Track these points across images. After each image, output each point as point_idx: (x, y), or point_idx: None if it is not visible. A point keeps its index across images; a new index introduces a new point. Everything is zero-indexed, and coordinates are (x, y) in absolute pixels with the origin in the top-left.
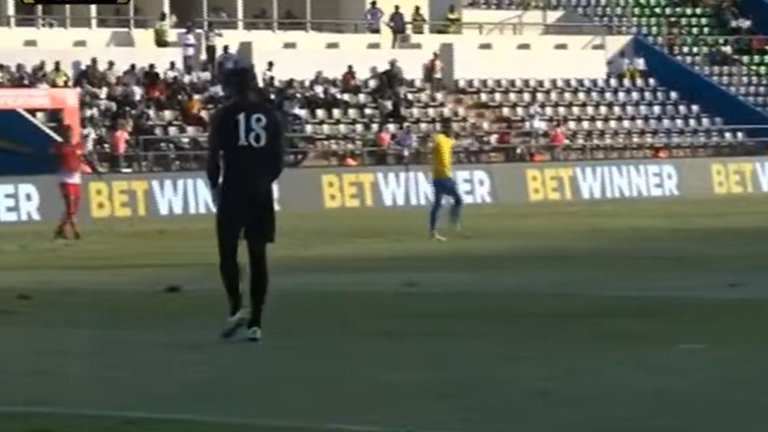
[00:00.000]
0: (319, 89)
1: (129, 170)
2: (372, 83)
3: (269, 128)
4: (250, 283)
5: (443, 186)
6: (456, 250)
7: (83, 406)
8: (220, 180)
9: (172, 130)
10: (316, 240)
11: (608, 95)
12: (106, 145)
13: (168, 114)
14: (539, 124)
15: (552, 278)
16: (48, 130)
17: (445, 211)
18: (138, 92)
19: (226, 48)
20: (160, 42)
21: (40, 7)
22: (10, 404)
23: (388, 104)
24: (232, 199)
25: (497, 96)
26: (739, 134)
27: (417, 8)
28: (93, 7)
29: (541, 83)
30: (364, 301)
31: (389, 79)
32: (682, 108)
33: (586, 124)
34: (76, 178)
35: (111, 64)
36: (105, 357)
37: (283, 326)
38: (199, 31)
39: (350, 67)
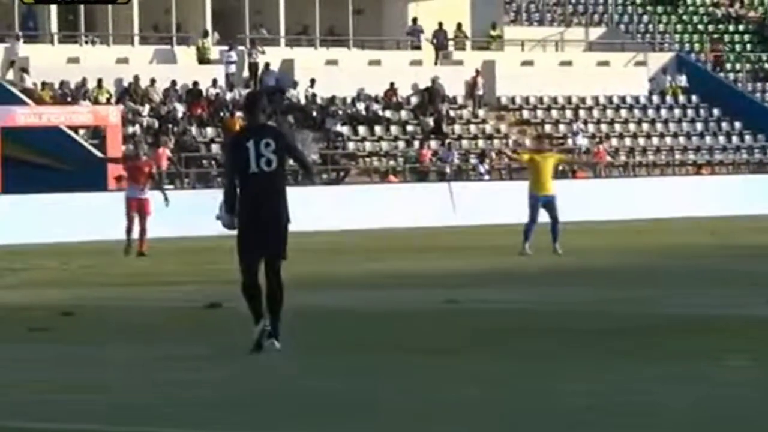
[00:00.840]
0: (361, 106)
1: (171, 187)
2: (414, 100)
3: (279, 151)
4: (266, 298)
5: (538, 202)
6: (497, 266)
7: (122, 423)
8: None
9: (215, 147)
10: (358, 256)
11: (650, 112)
12: None
13: (210, 131)
14: (582, 141)
15: (594, 295)
16: (90, 147)
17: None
18: (180, 109)
19: (267, 65)
20: (203, 59)
21: (82, 25)
22: (51, 421)
23: (430, 121)
24: (249, 222)
25: (539, 113)
26: None
27: (459, 25)
28: (136, 25)
29: (583, 100)
30: (405, 318)
31: (431, 96)
32: (724, 125)
33: (628, 141)
34: (142, 194)
35: (153, 81)
36: (144, 373)
37: (327, 344)
38: (241, 48)
39: (392, 83)
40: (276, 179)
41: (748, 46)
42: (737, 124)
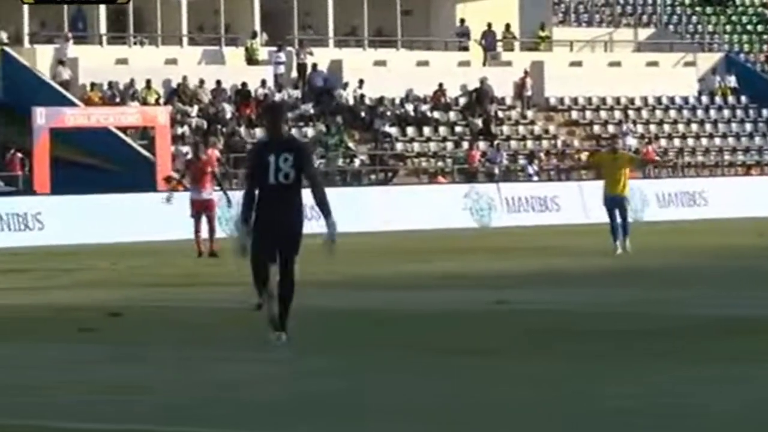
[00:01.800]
0: (409, 107)
1: (219, 188)
2: (462, 101)
3: (296, 165)
4: (278, 291)
5: (610, 202)
6: (545, 267)
7: (168, 423)
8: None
9: None
10: (407, 257)
11: (700, 113)
12: None
13: (259, 132)
14: (631, 142)
15: (640, 296)
16: (139, 148)
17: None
18: (228, 110)
19: (315, 66)
20: (251, 60)
21: (131, 26)
22: (96, 421)
23: (479, 122)
24: (265, 232)
25: (588, 114)
26: None
27: (507, 26)
28: (184, 26)
29: (632, 101)
30: (455, 318)
31: (479, 97)
32: None
33: (677, 142)
34: (205, 195)
35: (202, 82)
36: (189, 373)
37: (377, 344)
38: (290, 49)
39: (441, 84)
40: (292, 191)
41: None
42: None
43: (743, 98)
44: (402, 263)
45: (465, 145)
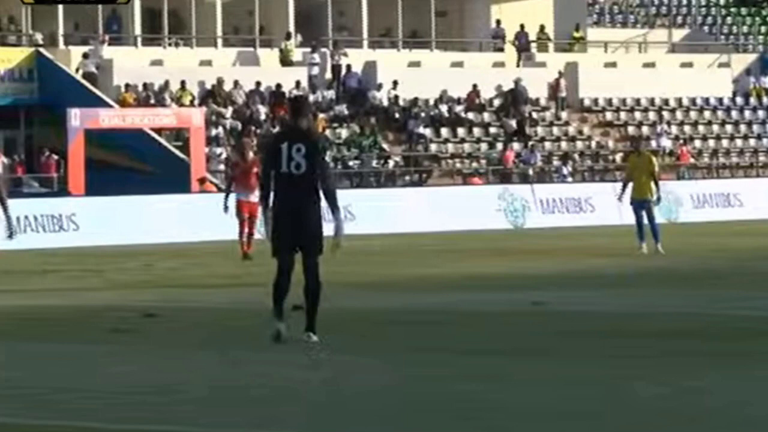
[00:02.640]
0: (443, 108)
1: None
2: (496, 102)
3: (308, 156)
4: (304, 291)
5: (635, 204)
6: (580, 268)
7: (207, 426)
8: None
9: None
10: (443, 258)
11: (734, 113)
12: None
13: None
14: (665, 143)
15: (674, 298)
16: (174, 149)
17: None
18: (263, 111)
19: (349, 67)
20: (286, 61)
21: (166, 27)
22: (132, 423)
23: (513, 123)
24: (281, 221)
25: (622, 114)
26: None
27: (542, 27)
28: (219, 27)
29: (666, 102)
30: (490, 320)
31: (514, 98)
32: None
33: (711, 143)
34: (252, 197)
35: (236, 83)
36: (222, 375)
37: (416, 346)
38: (324, 50)
39: (475, 85)
40: (304, 182)
41: None
42: None
43: None
44: (435, 265)
45: (499, 146)
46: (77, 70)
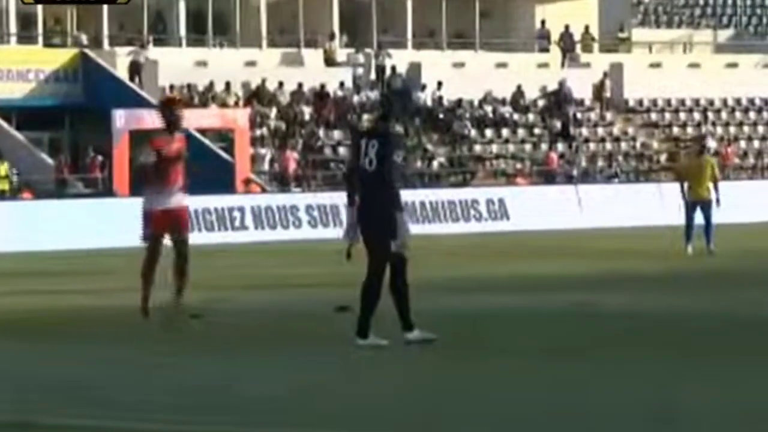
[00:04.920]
0: (488, 108)
1: (298, 189)
2: (541, 102)
3: (379, 154)
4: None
5: (693, 205)
6: (621, 269)
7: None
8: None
9: (341, 150)
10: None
11: None
12: (276, 165)
13: (337, 134)
14: (711, 144)
15: (709, 299)
16: (219, 150)
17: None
18: (307, 112)
19: (394, 68)
20: (330, 62)
21: (210, 28)
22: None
23: (558, 123)
24: (359, 217)
25: (667, 115)
26: None
27: (587, 27)
28: (264, 28)
29: (711, 102)
30: (530, 321)
31: (558, 98)
32: None
33: (756, 143)
34: None
35: (281, 84)
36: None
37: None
38: (368, 50)
39: (519, 86)
40: (376, 179)
41: None
42: None
43: None
44: (485, 265)
45: (544, 146)
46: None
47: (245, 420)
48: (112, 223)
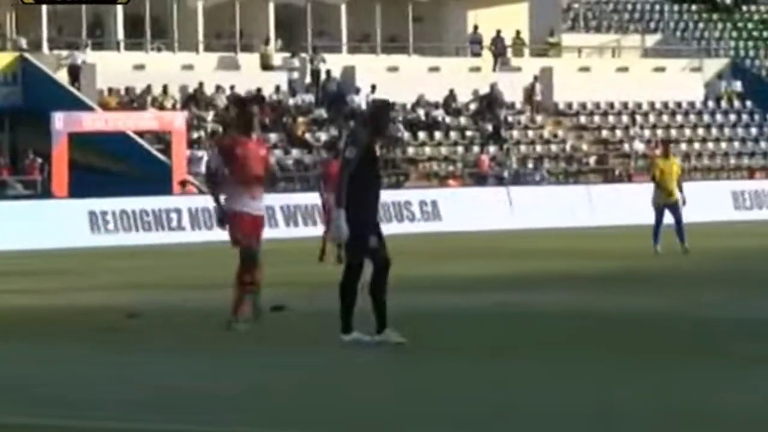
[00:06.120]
0: (421, 112)
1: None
2: (473, 106)
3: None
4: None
5: (662, 206)
6: (554, 268)
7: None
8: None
9: (278, 153)
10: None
11: (706, 117)
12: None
13: (273, 136)
14: (638, 146)
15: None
16: (156, 152)
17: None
18: None
19: (329, 72)
20: (266, 66)
21: (148, 32)
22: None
23: (489, 126)
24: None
25: (596, 118)
26: None
27: (518, 32)
28: (201, 33)
29: (639, 105)
30: (470, 320)
31: (490, 102)
32: None
33: (684, 146)
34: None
35: (218, 87)
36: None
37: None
38: (303, 55)
39: (452, 90)
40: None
41: None
42: None
43: (748, 103)
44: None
45: (475, 149)
46: (60, 68)
47: (196, 419)
48: (50, 224)
